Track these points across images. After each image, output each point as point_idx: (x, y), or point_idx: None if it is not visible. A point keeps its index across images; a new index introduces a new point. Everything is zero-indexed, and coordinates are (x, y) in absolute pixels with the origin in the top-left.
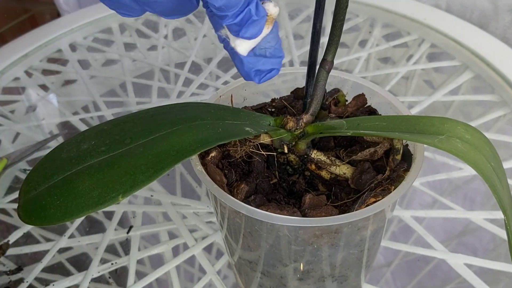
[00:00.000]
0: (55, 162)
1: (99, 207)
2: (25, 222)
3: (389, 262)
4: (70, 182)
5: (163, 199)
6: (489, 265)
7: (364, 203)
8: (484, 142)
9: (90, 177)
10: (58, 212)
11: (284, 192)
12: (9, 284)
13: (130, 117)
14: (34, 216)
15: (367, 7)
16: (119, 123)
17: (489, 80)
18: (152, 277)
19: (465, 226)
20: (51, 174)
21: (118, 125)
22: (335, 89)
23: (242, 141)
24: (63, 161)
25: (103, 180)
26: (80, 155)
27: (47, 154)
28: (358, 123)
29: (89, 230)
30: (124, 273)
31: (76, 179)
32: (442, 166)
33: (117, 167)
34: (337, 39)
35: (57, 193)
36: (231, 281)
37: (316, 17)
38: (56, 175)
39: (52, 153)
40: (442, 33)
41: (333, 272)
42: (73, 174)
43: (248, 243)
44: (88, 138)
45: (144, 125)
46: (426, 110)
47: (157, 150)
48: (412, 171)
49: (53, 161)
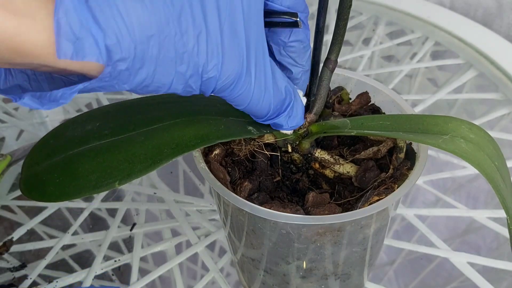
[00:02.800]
0: (59, 140)
1: (95, 190)
2: (25, 195)
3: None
4: (71, 162)
5: (166, 196)
6: (492, 264)
7: (367, 202)
8: (488, 141)
9: (91, 159)
10: (56, 191)
11: (288, 190)
12: (13, 281)
13: (136, 102)
14: (34, 191)
15: (371, 5)
16: (125, 107)
17: (493, 79)
18: (155, 274)
19: (468, 225)
20: (53, 151)
21: (124, 109)
22: (338, 87)
23: (247, 139)
24: (66, 140)
25: (102, 165)
26: (83, 135)
27: (52, 130)
28: (361, 122)
29: (93, 227)
30: (127, 270)
31: (77, 160)
32: (445, 164)
33: (117, 153)
34: (341, 38)
35: (57, 171)
36: (234, 278)
37: (319, 15)
38: (59, 153)
39: (57, 130)
40: (446, 31)
41: (336, 270)
42: (75, 155)
43: (251, 241)
44: (93, 119)
45: (148, 112)
46: (429, 108)
47: (157, 141)
48: (415, 170)
49: (57, 138)
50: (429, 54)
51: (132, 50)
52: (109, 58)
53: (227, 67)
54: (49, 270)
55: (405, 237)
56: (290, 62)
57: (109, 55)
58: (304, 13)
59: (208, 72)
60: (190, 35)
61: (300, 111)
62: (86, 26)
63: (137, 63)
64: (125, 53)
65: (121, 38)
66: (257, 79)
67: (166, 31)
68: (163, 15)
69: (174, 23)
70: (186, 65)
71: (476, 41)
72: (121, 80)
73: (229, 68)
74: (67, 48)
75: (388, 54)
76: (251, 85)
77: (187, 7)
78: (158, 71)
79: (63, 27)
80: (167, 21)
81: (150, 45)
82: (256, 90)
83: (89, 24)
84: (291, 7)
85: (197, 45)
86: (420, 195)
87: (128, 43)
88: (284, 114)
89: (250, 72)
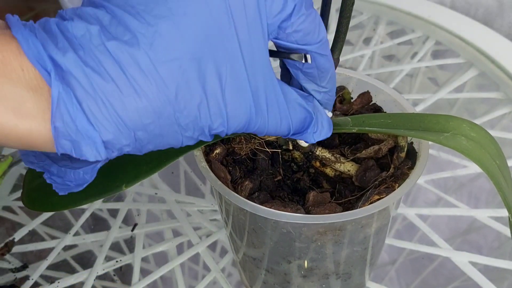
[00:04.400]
0: None
1: (102, 195)
2: (29, 208)
3: (394, 260)
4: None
5: (167, 197)
6: (494, 263)
7: (368, 201)
8: (489, 140)
9: None
10: (61, 199)
11: (288, 189)
12: (15, 282)
13: None
14: (38, 203)
15: (372, 5)
16: None
17: (494, 78)
18: (157, 274)
19: (469, 224)
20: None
21: None
22: (340, 87)
23: (247, 138)
24: None
25: (108, 169)
26: None
27: None
28: (363, 121)
29: (94, 227)
30: (129, 270)
31: None
32: (446, 163)
33: (122, 157)
34: (343, 36)
35: None
36: (235, 279)
37: (322, 14)
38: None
39: None
40: (446, 30)
41: (337, 269)
42: None
43: (252, 240)
44: None
45: None
46: (430, 107)
47: None
48: (416, 169)
49: None
50: (429, 53)
51: (132, 137)
52: (109, 150)
53: (233, 121)
54: (50, 271)
55: (407, 237)
56: (311, 85)
57: (107, 148)
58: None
59: (215, 129)
60: (190, 108)
61: (326, 125)
62: (81, 129)
63: (142, 142)
64: (125, 141)
65: (118, 132)
66: (271, 112)
67: (165, 113)
68: (158, 101)
69: (171, 104)
70: (192, 131)
71: (477, 40)
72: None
73: (236, 121)
74: (66, 146)
75: (389, 53)
76: (265, 120)
77: (183, 85)
78: (165, 140)
79: (60, 131)
80: (164, 105)
81: (151, 129)
82: (271, 122)
83: (83, 126)
84: (300, 41)
85: (198, 114)
86: (421, 195)
87: (126, 133)
88: (308, 132)
89: (261, 111)
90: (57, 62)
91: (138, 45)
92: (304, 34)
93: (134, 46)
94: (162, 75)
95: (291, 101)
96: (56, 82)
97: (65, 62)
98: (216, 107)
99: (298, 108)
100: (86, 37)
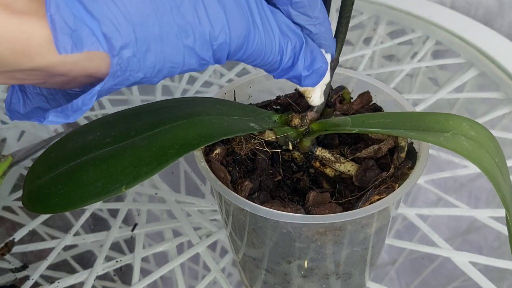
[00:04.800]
0: (61, 152)
1: (102, 197)
2: (29, 209)
3: (394, 260)
4: (75, 172)
5: (167, 197)
6: (494, 263)
7: (368, 201)
8: (488, 138)
9: (95, 167)
10: (61, 201)
11: (288, 189)
12: (15, 282)
13: (136, 110)
14: (38, 204)
15: (372, 5)
16: (124, 116)
17: (494, 78)
18: (157, 274)
19: (470, 224)
20: (56, 163)
21: (124, 117)
22: (340, 87)
23: (247, 138)
24: (68, 151)
25: (107, 171)
26: (85, 146)
27: (52, 143)
28: (363, 120)
29: (94, 227)
30: (129, 270)
31: (81, 169)
32: (447, 163)
33: (122, 159)
34: (343, 36)
35: (61, 182)
36: (235, 279)
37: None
38: (61, 164)
39: (58, 143)
40: (447, 30)
41: (337, 269)
42: (78, 164)
43: (252, 240)
44: (93, 130)
45: (149, 118)
46: (430, 107)
47: (161, 143)
48: (416, 169)
49: (59, 151)
50: (430, 53)
51: (132, 33)
52: (110, 45)
53: (235, 28)
54: (50, 271)
55: (407, 237)
56: (303, 19)
57: (109, 42)
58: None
59: (217, 38)
60: (186, 6)
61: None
62: (79, 18)
63: (142, 46)
64: (126, 37)
65: (116, 23)
66: (265, 27)
67: (161, 7)
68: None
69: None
70: (193, 37)
71: (477, 40)
72: (133, 70)
73: (237, 28)
74: (66, 42)
75: (389, 53)
76: (261, 36)
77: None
78: (166, 50)
79: (57, 22)
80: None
81: (149, 25)
82: (267, 40)
83: (82, 15)
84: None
85: (196, 14)
86: (421, 195)
87: (126, 27)
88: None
89: (256, 24)
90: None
91: None
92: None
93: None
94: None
95: (281, 23)
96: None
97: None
98: (213, 8)
99: (288, 31)
100: None
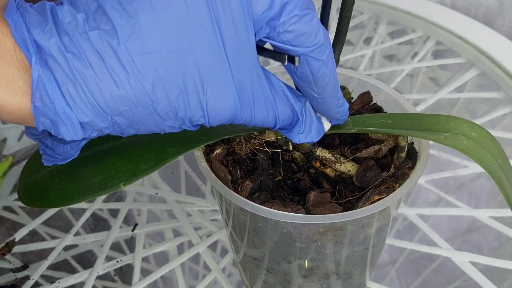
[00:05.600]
0: None
1: (100, 193)
2: (25, 203)
3: (394, 260)
4: (73, 167)
5: (168, 197)
6: (495, 263)
7: (368, 201)
8: (490, 140)
9: (93, 163)
10: (59, 195)
11: (289, 189)
12: (15, 282)
13: None
14: (35, 198)
15: (372, 4)
16: None
17: (495, 78)
18: (157, 274)
19: (470, 224)
20: None
21: None
22: (340, 87)
23: (247, 138)
24: None
25: (106, 167)
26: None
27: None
28: (363, 121)
29: (95, 227)
30: (129, 270)
31: (79, 164)
32: (447, 163)
33: (120, 155)
34: (343, 36)
35: (58, 176)
36: (235, 278)
37: (323, 14)
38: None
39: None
40: (447, 30)
41: (338, 269)
42: (76, 160)
43: (253, 240)
44: None
45: None
46: (431, 107)
47: (161, 141)
48: (417, 169)
49: None
50: (430, 53)
51: (109, 120)
52: (87, 130)
53: (216, 114)
54: (51, 271)
55: (407, 237)
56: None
57: (85, 128)
58: (312, 47)
59: (196, 121)
60: (168, 100)
61: (315, 130)
62: (59, 109)
63: (121, 126)
64: (103, 124)
65: (94, 116)
66: (257, 106)
67: (142, 102)
68: (135, 90)
69: (148, 94)
70: (172, 121)
71: (477, 40)
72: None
73: (218, 114)
74: (46, 123)
75: (389, 53)
76: (251, 113)
77: (161, 77)
78: (146, 127)
79: (39, 109)
80: (140, 95)
81: (127, 115)
82: (257, 115)
83: (62, 107)
84: (292, 42)
85: (177, 105)
86: (421, 195)
87: (103, 117)
88: (293, 131)
89: (247, 105)
90: (40, 46)
91: (117, 36)
92: (296, 35)
93: (113, 37)
94: (139, 67)
95: (279, 95)
96: (36, 65)
97: (48, 46)
98: (195, 101)
99: (285, 104)
100: (73, 24)
